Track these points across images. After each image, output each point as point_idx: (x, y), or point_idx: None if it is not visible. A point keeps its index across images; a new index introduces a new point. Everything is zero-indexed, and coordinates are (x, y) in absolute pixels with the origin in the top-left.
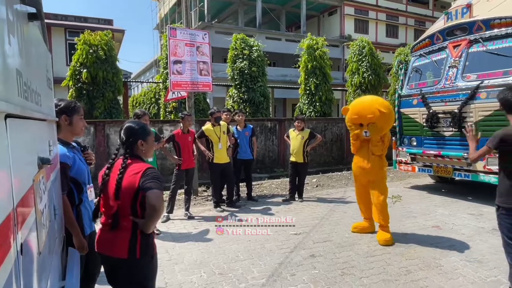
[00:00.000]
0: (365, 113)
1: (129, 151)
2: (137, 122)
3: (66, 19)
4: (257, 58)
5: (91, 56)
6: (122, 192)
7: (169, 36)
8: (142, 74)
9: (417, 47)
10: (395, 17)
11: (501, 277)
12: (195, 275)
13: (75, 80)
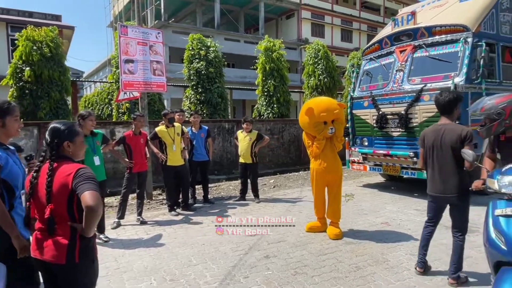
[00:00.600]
0: (331, 109)
1: (55, 153)
2: (64, 122)
3: (8, 13)
4: (214, 59)
5: (35, 53)
6: (54, 196)
7: (120, 34)
8: (96, 73)
9: (368, 51)
10: (349, 23)
11: (441, 268)
12: (145, 283)
13: (17, 79)
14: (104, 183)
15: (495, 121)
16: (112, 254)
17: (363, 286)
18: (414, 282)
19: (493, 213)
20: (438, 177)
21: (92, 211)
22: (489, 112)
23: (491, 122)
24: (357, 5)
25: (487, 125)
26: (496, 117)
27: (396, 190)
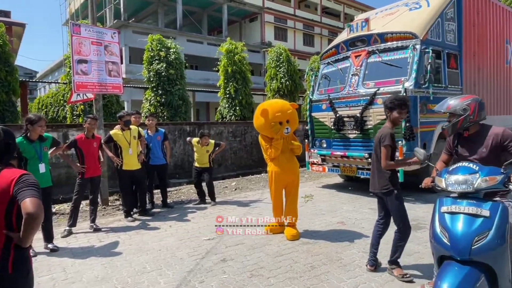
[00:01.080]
0: (285, 109)
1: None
2: (2, 127)
3: None
4: (174, 61)
5: None
6: None
7: (72, 33)
8: (50, 74)
9: (325, 56)
10: (311, 27)
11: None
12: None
13: None
14: (50, 189)
15: (460, 116)
16: (60, 264)
17: (317, 285)
18: (365, 279)
19: (439, 210)
20: (371, 175)
21: (32, 219)
22: (455, 108)
23: (456, 118)
24: (319, 10)
25: (452, 121)
26: (462, 112)
27: (353, 190)
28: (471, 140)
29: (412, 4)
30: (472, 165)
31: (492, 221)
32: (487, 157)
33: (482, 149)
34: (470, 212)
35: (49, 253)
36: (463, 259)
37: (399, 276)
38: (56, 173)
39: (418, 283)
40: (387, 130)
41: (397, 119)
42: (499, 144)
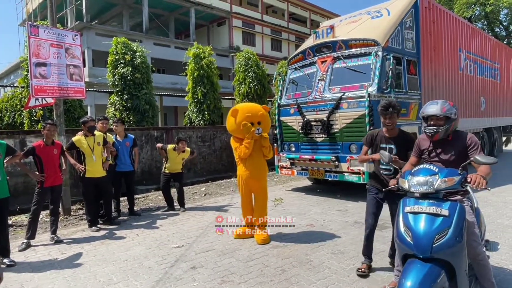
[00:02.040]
0: (256, 110)
1: None
2: None
3: None
4: (140, 64)
5: None
6: None
7: (29, 35)
8: (6, 77)
9: (293, 61)
10: (278, 33)
11: (358, 265)
12: None
13: None
14: (6, 200)
15: (453, 120)
16: (18, 279)
17: (287, 287)
18: (334, 280)
19: (403, 210)
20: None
21: None
22: (451, 112)
23: (450, 122)
24: (286, 16)
25: (446, 125)
26: (454, 117)
27: (321, 192)
28: (443, 144)
29: (374, 12)
30: (433, 167)
31: (451, 220)
32: (455, 160)
33: (451, 153)
34: (431, 211)
35: (5, 268)
36: (425, 256)
37: None
38: (13, 182)
39: (383, 281)
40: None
41: (383, 123)
42: (465, 149)
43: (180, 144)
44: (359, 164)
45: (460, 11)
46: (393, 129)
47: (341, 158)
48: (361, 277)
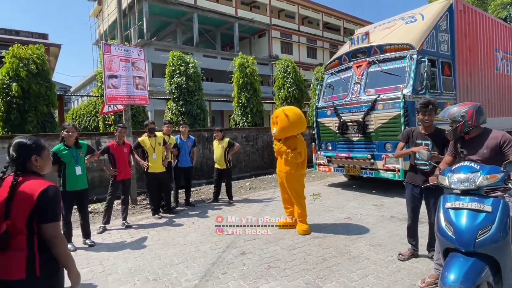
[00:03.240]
0: (275, 114)
1: (21, 168)
2: (30, 137)
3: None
4: (193, 74)
5: (22, 70)
6: (13, 211)
7: (103, 52)
8: (82, 88)
9: (329, 67)
10: (313, 41)
11: (396, 257)
12: (129, 284)
13: (4, 94)
14: (86, 191)
15: (459, 123)
16: (97, 257)
17: (328, 275)
18: (373, 270)
19: (444, 206)
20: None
21: (54, 243)
22: (455, 115)
23: (456, 124)
24: (320, 25)
25: (453, 127)
26: (460, 119)
27: (357, 188)
28: (473, 142)
29: (408, 18)
30: (474, 164)
31: (494, 215)
32: (487, 158)
33: (483, 151)
34: (473, 207)
35: (87, 248)
36: (468, 251)
37: None
38: (91, 176)
39: (422, 274)
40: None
41: (421, 121)
42: (498, 147)
43: (215, 133)
44: (395, 162)
45: (495, 12)
46: (430, 126)
47: (376, 156)
48: (401, 261)
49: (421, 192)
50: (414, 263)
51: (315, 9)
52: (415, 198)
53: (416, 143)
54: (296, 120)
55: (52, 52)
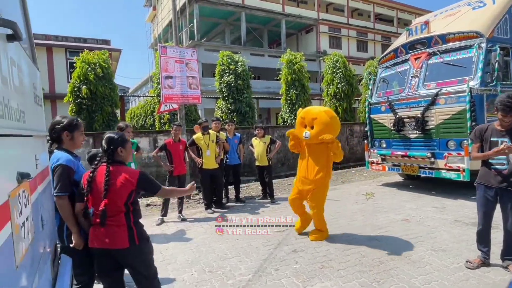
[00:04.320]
0: (311, 115)
1: (111, 158)
2: (116, 132)
3: (66, 40)
4: (242, 73)
5: (90, 74)
6: (111, 192)
7: (160, 54)
8: (139, 89)
9: (383, 60)
10: (364, 34)
11: (463, 264)
12: (187, 274)
13: (75, 96)
14: None
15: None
16: (157, 247)
17: (386, 279)
18: (436, 276)
19: None
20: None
21: (170, 195)
22: None
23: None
24: (372, 17)
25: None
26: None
27: (415, 188)
28: None
29: (476, 2)
30: None
31: None
32: None
33: None
34: None
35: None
36: None
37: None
38: (148, 171)
39: (494, 284)
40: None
41: (501, 120)
42: None
43: (257, 130)
44: (459, 161)
45: None
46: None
47: (437, 155)
48: (469, 269)
49: (496, 194)
50: (485, 272)
51: (366, 0)
52: (488, 201)
53: (491, 141)
54: (337, 123)
55: (114, 56)
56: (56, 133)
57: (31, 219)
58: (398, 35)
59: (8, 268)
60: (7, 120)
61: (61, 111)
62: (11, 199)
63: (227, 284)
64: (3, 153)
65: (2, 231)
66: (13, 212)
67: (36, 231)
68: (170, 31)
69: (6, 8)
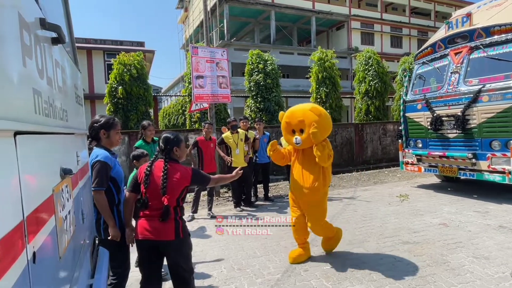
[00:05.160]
0: (296, 117)
1: (167, 156)
2: (172, 132)
3: (104, 43)
4: (271, 71)
5: (126, 75)
6: (169, 188)
7: (192, 54)
8: (171, 89)
9: (420, 55)
10: (399, 29)
11: (508, 273)
12: (216, 271)
13: (112, 96)
14: None
15: None
16: None
17: (423, 286)
18: (478, 286)
19: None
20: None
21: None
22: None
23: None
24: (407, 11)
25: None
26: None
27: (453, 191)
28: None
29: None
30: None
31: None
32: None
33: None
34: None
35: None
36: None
37: None
38: None
39: None
40: None
41: None
42: None
43: None
44: (504, 162)
45: None
46: None
47: (479, 156)
48: None
49: None
50: None
51: None
52: None
53: None
54: (327, 120)
55: (147, 58)
56: (94, 131)
57: (73, 212)
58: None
59: (53, 259)
60: (52, 118)
61: (99, 111)
62: (55, 193)
63: (256, 283)
64: (48, 150)
65: (47, 223)
66: (56, 206)
67: (77, 224)
68: (200, 31)
69: (51, 13)
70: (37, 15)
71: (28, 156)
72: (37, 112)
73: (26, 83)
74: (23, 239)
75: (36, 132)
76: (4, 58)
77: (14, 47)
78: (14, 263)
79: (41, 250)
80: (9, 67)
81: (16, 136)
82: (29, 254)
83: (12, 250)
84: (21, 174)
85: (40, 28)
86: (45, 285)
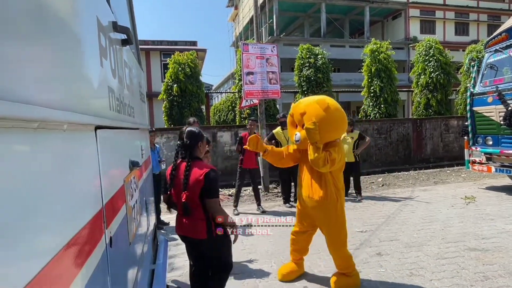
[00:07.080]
0: (299, 109)
1: (189, 153)
2: (196, 127)
3: (160, 44)
4: (322, 65)
5: (180, 73)
6: (189, 186)
7: (242, 51)
8: (221, 86)
9: (492, 43)
10: (465, 15)
11: None
12: (266, 265)
13: (168, 94)
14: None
15: None
16: (239, 237)
17: None
18: None
19: None
20: None
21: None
22: None
23: None
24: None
25: None
26: None
27: None
28: None
29: None
30: None
31: None
32: None
33: None
34: None
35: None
36: None
37: None
38: (228, 164)
39: None
40: None
41: None
42: None
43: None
44: None
45: None
46: None
47: None
48: None
49: None
50: None
51: None
52: None
53: None
54: (337, 116)
55: (200, 56)
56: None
57: (139, 202)
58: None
59: (125, 244)
60: (123, 114)
61: (156, 108)
62: (125, 184)
63: (305, 280)
64: (119, 144)
65: (120, 211)
66: (127, 196)
67: (142, 213)
68: (250, 28)
69: (120, 16)
70: (110, 19)
71: (105, 148)
72: (111, 109)
73: (103, 82)
74: (102, 224)
75: (111, 127)
76: (86, 59)
77: (94, 48)
78: (96, 246)
79: (116, 235)
80: (90, 67)
81: (96, 130)
82: (107, 238)
83: (95, 234)
84: (101, 165)
85: (113, 31)
86: (118, 267)
